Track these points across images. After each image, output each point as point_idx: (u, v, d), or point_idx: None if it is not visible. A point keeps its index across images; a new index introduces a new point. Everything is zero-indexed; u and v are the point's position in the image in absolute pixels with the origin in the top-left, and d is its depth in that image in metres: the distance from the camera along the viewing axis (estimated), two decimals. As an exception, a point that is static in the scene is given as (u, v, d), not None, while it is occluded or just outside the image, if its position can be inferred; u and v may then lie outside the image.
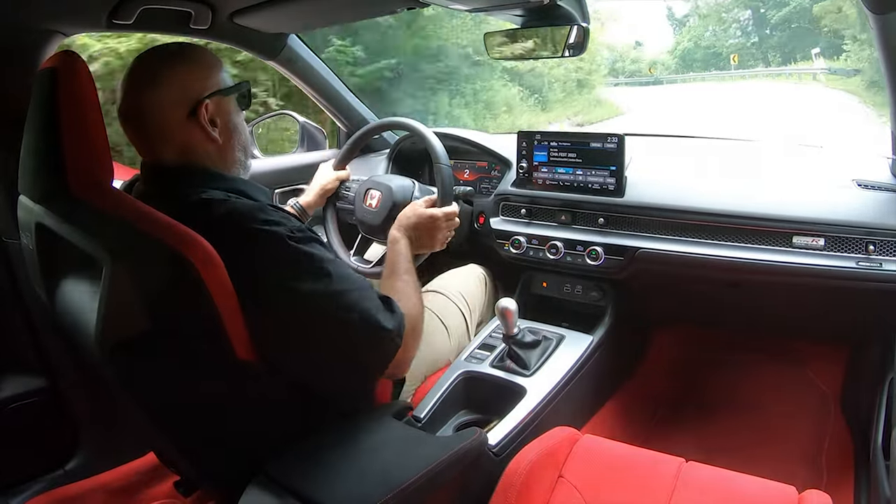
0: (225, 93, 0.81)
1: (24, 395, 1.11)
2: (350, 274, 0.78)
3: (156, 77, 0.77)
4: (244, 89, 0.86)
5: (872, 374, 1.24)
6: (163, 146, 0.78)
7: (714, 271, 1.19)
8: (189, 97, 0.78)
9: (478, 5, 1.08)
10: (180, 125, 0.78)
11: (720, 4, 27.22)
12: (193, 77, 0.79)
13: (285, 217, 0.76)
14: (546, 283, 1.42)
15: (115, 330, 0.68)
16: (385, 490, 0.72)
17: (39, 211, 0.75)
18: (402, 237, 1.07)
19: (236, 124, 0.84)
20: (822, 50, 18.90)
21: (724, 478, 0.90)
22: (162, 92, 0.76)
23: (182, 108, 0.77)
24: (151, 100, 0.76)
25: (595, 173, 1.30)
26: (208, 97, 0.79)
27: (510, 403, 1.09)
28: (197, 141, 0.79)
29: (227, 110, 0.82)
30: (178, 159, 0.78)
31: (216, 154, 0.81)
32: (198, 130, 0.79)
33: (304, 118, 1.79)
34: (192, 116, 0.78)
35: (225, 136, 0.82)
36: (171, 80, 0.77)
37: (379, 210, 1.30)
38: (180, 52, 0.80)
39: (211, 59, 0.82)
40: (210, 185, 0.78)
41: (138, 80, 0.77)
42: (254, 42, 1.39)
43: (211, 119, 0.79)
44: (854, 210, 1.10)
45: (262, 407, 0.77)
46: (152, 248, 0.66)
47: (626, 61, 29.18)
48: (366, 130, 1.43)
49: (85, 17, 1.06)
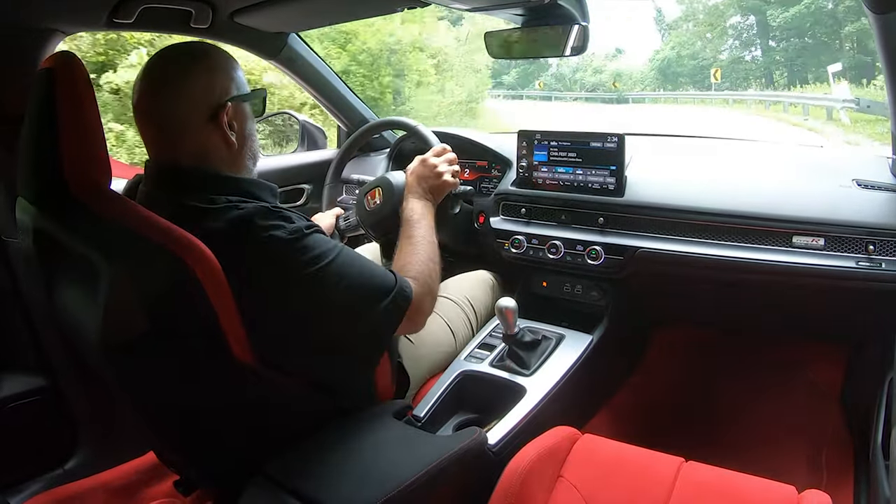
0: (244, 98, 0.81)
1: (24, 394, 1.11)
2: (351, 257, 0.79)
3: (178, 76, 0.76)
4: (261, 96, 0.85)
5: (872, 374, 1.24)
6: (179, 146, 0.77)
7: (714, 271, 1.18)
8: (211, 100, 0.77)
9: (478, 5, 1.07)
10: (200, 127, 0.77)
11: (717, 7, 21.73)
12: (217, 79, 0.78)
13: (285, 217, 0.75)
14: (546, 282, 1.42)
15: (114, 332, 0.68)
16: (385, 490, 0.72)
17: (37, 213, 0.74)
18: (411, 199, 1.06)
19: (251, 131, 0.83)
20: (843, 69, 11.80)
21: (723, 478, 0.90)
22: (185, 92, 0.76)
23: (204, 110, 0.76)
24: (172, 99, 0.75)
25: (595, 173, 1.30)
26: (230, 101, 0.78)
27: (510, 403, 1.08)
28: (214, 144, 0.78)
29: (244, 116, 0.82)
30: (193, 161, 0.77)
31: (229, 159, 0.80)
32: (216, 134, 0.78)
33: (304, 117, 1.79)
34: (212, 119, 0.77)
35: (240, 141, 0.81)
36: (194, 81, 0.76)
37: (382, 204, 1.26)
38: (204, 52, 0.79)
39: (233, 62, 0.81)
40: (221, 188, 0.77)
41: (160, 77, 0.76)
42: (254, 41, 1.39)
43: (229, 123, 0.78)
44: (854, 210, 1.10)
45: (261, 407, 0.78)
46: (150, 252, 0.66)
47: (586, 71, 25.03)
48: (365, 129, 1.43)
49: (85, 16, 1.06)
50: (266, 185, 0.84)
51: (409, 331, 0.93)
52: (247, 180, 0.82)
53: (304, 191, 1.71)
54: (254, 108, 0.84)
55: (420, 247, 0.96)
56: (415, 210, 1.03)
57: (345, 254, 0.78)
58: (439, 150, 1.14)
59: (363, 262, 0.81)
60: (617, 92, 22.13)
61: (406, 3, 1.17)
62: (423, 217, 1.02)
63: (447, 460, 0.80)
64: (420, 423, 1.06)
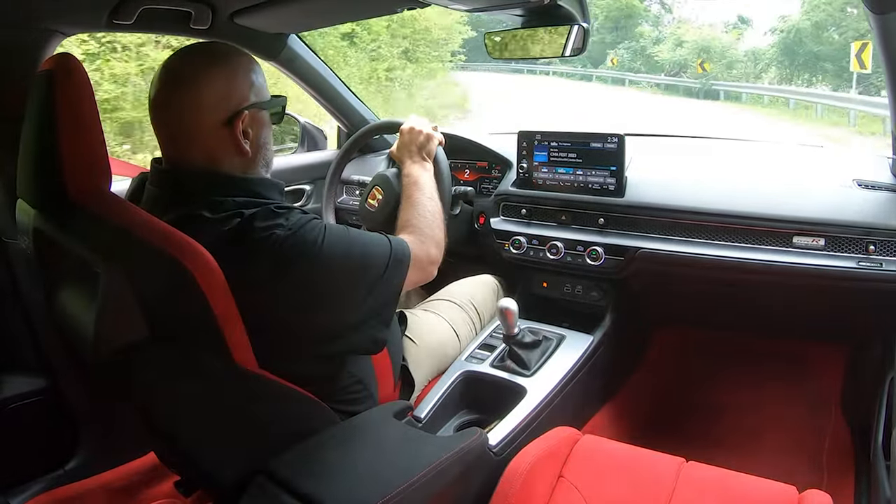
0: (263, 106, 0.80)
1: (24, 395, 1.11)
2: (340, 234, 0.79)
3: (196, 78, 0.75)
4: (281, 104, 0.84)
5: (872, 374, 1.24)
6: (190, 149, 0.76)
7: (714, 271, 1.18)
8: (229, 105, 0.76)
9: (478, 5, 1.07)
10: (213, 131, 0.75)
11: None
12: (236, 84, 0.77)
13: (285, 214, 0.74)
14: (546, 283, 1.42)
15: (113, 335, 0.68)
16: (385, 490, 0.72)
17: (37, 215, 0.74)
18: (406, 165, 1.09)
19: (266, 140, 0.82)
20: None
21: (724, 478, 0.90)
22: (202, 94, 0.74)
23: (219, 114, 0.75)
24: (189, 99, 0.74)
25: (595, 173, 1.30)
26: (247, 108, 0.77)
27: (510, 403, 1.09)
28: (226, 150, 0.77)
29: (261, 124, 0.80)
30: (203, 164, 0.76)
31: (241, 166, 0.79)
32: (230, 140, 0.76)
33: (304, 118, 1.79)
34: (227, 125, 0.76)
35: (254, 149, 0.79)
36: (212, 85, 0.75)
37: (383, 203, 1.26)
38: (224, 55, 0.78)
39: (253, 66, 0.80)
40: (228, 190, 0.76)
41: (178, 76, 0.75)
42: (254, 42, 1.39)
43: (244, 131, 0.77)
44: (854, 210, 1.10)
45: (261, 408, 0.77)
46: (150, 255, 0.66)
47: (666, 43, 17.22)
48: (365, 130, 1.43)
49: (85, 16, 1.06)
50: (273, 182, 0.83)
51: (423, 280, 0.95)
52: (255, 180, 0.81)
53: (305, 191, 1.71)
54: (272, 115, 0.83)
55: (419, 204, 1.01)
56: (411, 173, 1.07)
57: (333, 232, 0.78)
58: (414, 119, 1.17)
59: (353, 236, 0.81)
60: (706, 78, 14.19)
61: (406, 4, 1.17)
62: (420, 176, 1.06)
63: (448, 461, 0.80)
64: (421, 424, 1.06)
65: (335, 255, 0.76)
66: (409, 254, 0.86)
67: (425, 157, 1.11)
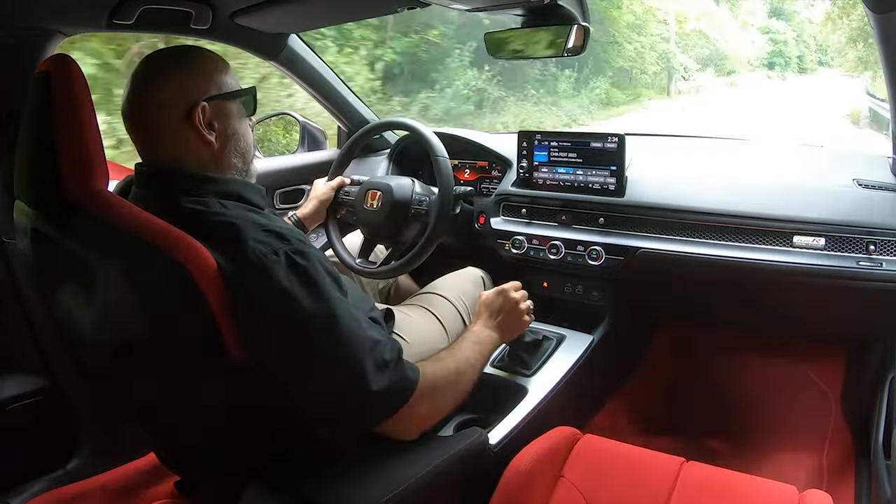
0: (226, 97, 0.81)
1: (24, 395, 1.11)
2: (342, 310, 0.73)
3: (156, 78, 0.77)
4: (248, 95, 0.84)
5: (873, 374, 1.24)
6: (158, 147, 0.78)
7: (715, 271, 1.18)
8: (185, 100, 0.77)
9: (478, 5, 1.07)
10: (175, 127, 0.77)
11: None
12: (193, 80, 0.78)
13: (277, 231, 0.73)
14: (546, 283, 1.42)
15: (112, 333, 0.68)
16: (385, 490, 0.72)
17: (35, 216, 0.74)
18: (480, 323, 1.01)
19: (236, 129, 0.82)
20: None
21: (724, 478, 0.90)
22: (159, 93, 0.76)
23: (177, 109, 0.76)
24: (149, 100, 0.76)
25: (595, 173, 1.30)
26: (207, 100, 0.78)
27: (511, 403, 1.09)
28: (191, 144, 0.78)
29: (227, 115, 0.81)
30: (172, 163, 0.78)
31: (210, 158, 0.80)
32: (192, 134, 0.77)
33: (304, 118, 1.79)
34: (187, 119, 0.77)
35: (222, 140, 0.80)
36: (170, 82, 0.76)
37: (380, 210, 1.29)
38: (182, 54, 0.79)
39: (214, 63, 0.81)
40: (204, 189, 0.77)
41: (140, 80, 0.77)
42: (254, 42, 1.39)
43: (209, 123, 0.78)
44: (855, 210, 1.10)
45: (261, 408, 0.77)
46: (148, 253, 0.66)
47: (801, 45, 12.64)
48: (365, 130, 1.43)
49: (85, 16, 1.06)
50: (255, 187, 0.84)
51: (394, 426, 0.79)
52: (234, 181, 0.81)
53: (305, 191, 1.71)
54: (244, 106, 0.84)
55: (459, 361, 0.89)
56: (479, 337, 0.98)
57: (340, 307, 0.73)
58: (518, 285, 1.09)
59: (350, 316, 0.74)
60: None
61: (406, 4, 1.17)
62: (479, 344, 0.96)
63: (448, 460, 0.80)
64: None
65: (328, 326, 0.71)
66: (412, 384, 0.78)
67: (501, 330, 1.03)
